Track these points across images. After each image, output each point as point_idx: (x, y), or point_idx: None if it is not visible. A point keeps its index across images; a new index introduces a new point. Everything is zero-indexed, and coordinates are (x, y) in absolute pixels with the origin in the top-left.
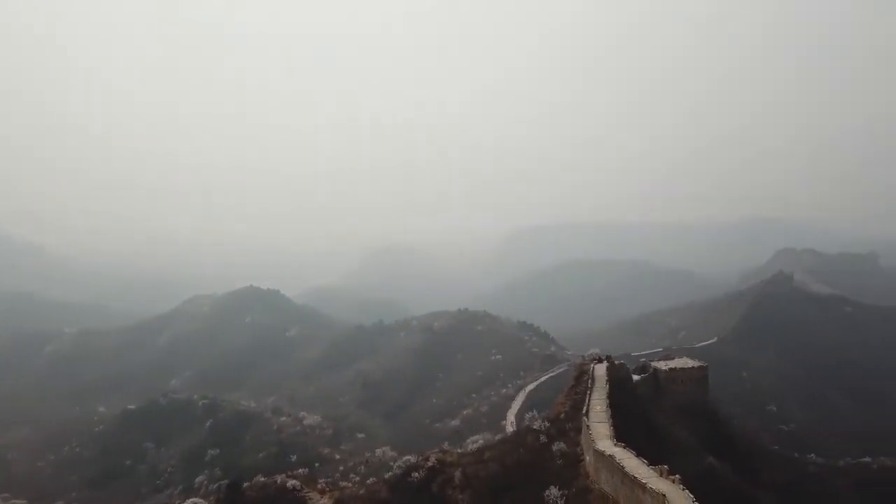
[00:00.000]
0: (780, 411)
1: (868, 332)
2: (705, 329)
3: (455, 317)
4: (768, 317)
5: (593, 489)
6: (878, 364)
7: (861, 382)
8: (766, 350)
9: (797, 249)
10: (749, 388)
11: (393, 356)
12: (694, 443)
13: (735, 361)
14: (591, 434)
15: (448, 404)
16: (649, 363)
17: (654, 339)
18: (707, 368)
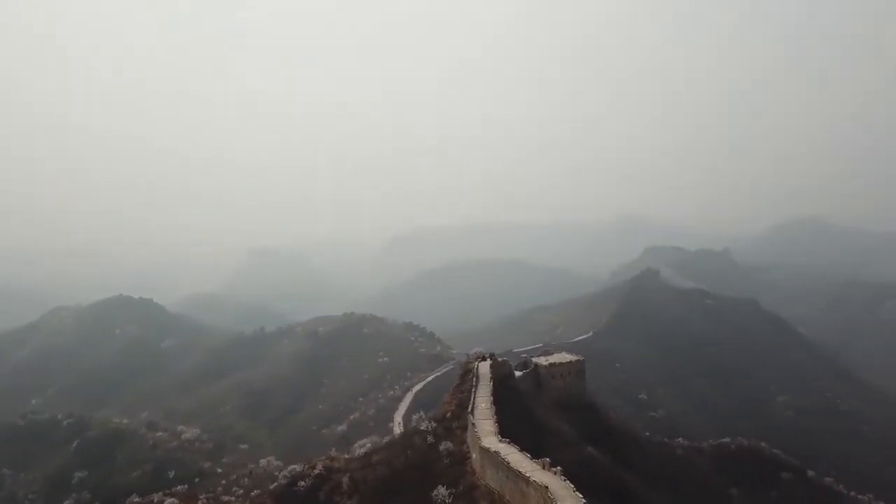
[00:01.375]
0: (651, 399)
1: (725, 322)
2: (582, 324)
3: (340, 321)
4: (638, 310)
5: (480, 486)
6: (734, 350)
7: (720, 368)
8: (637, 341)
9: (663, 247)
10: (622, 378)
11: (276, 364)
12: (574, 434)
13: (609, 353)
14: (476, 432)
15: (335, 409)
16: (530, 359)
17: (534, 335)
18: (584, 362)
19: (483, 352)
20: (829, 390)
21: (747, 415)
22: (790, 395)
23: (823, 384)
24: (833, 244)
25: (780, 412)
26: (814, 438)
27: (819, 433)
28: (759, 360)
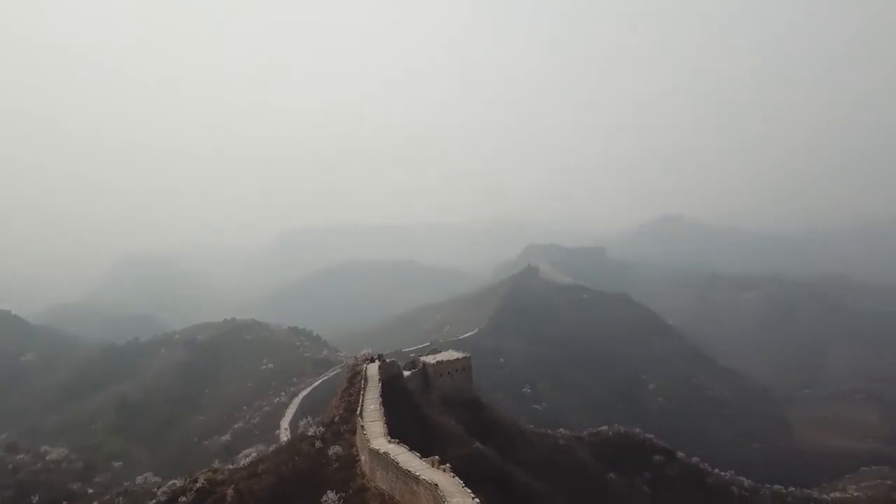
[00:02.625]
0: (534, 392)
1: (600, 315)
2: (468, 321)
3: (221, 327)
4: (521, 306)
5: (370, 488)
6: (609, 341)
7: (597, 359)
8: (520, 336)
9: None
10: (507, 372)
11: (153, 375)
12: (461, 431)
13: (494, 349)
14: (365, 434)
15: (217, 420)
16: (418, 358)
17: (423, 334)
18: (470, 359)
19: (371, 353)
20: (695, 376)
21: (622, 402)
22: (660, 382)
23: (690, 371)
24: (696, 240)
25: (651, 399)
26: (682, 421)
27: (687, 416)
28: (632, 351)
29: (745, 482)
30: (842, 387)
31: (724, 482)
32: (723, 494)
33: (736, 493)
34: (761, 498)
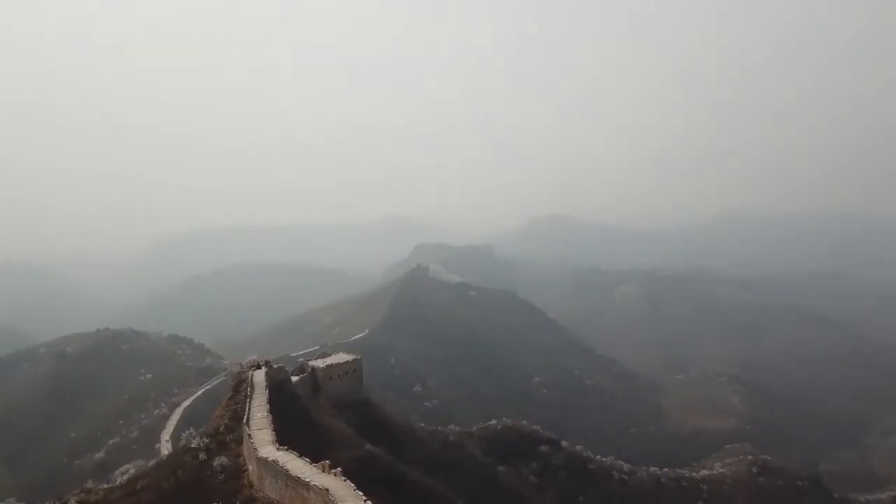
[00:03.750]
0: (425, 390)
1: (488, 312)
2: (358, 322)
3: (93, 338)
4: (411, 305)
5: (258, 498)
6: (496, 337)
7: (485, 355)
8: (410, 335)
9: (431, 244)
10: (398, 372)
11: (15, 392)
12: (352, 433)
13: (385, 349)
14: (252, 442)
15: (90, 436)
16: (307, 362)
17: (312, 337)
18: (361, 360)
19: (258, 359)
20: (576, 367)
21: (510, 396)
22: (545, 374)
23: (572, 362)
24: (577, 238)
25: (537, 391)
26: (566, 411)
27: (570, 406)
28: (517, 345)
29: (625, 466)
30: (708, 371)
31: (606, 467)
32: (604, 479)
33: (616, 476)
34: (639, 480)
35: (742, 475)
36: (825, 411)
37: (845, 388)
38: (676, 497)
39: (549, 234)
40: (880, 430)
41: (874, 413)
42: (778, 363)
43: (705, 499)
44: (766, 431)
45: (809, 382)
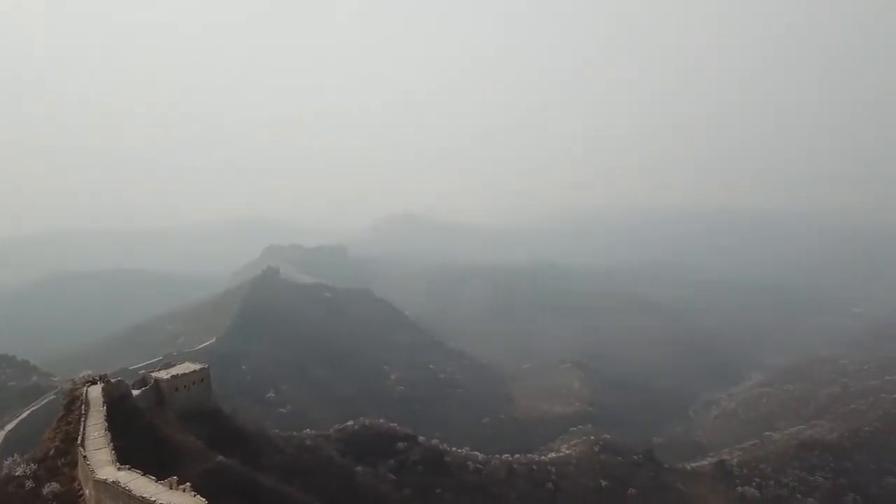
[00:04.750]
0: (279, 395)
1: (343, 312)
2: (205, 329)
3: None
4: (262, 309)
5: None
6: (352, 337)
7: (341, 355)
8: (262, 340)
9: (282, 245)
10: (250, 379)
11: None
12: (202, 446)
13: (235, 356)
14: (89, 464)
15: None
16: (150, 374)
17: (153, 348)
18: (208, 369)
19: (93, 374)
20: (431, 362)
21: (367, 395)
22: (401, 371)
23: (426, 358)
24: (428, 235)
25: (393, 388)
26: (423, 406)
27: (426, 401)
28: (374, 344)
29: (479, 456)
30: (552, 359)
31: (461, 458)
32: (460, 470)
33: (471, 467)
34: (493, 468)
35: (585, 454)
36: (656, 390)
37: (672, 367)
38: (528, 481)
39: (401, 232)
40: (702, 404)
41: (696, 388)
42: (614, 348)
43: (554, 480)
44: (605, 412)
45: (642, 364)
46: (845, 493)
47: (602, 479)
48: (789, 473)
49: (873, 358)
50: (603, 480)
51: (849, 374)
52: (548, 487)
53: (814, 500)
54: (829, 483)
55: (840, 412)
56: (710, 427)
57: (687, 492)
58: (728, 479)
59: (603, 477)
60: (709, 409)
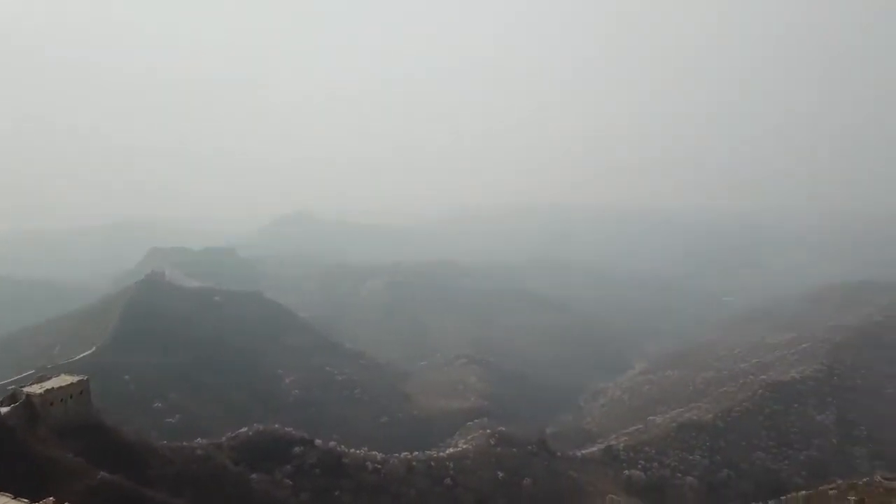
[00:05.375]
0: (166, 405)
1: (233, 316)
2: (83, 340)
3: None
4: (146, 315)
5: None
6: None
7: (232, 361)
8: (148, 348)
9: (167, 248)
10: (134, 389)
11: None
12: (82, 462)
13: (117, 366)
14: None
15: None
16: (20, 389)
17: (24, 361)
18: (87, 381)
19: None
20: (327, 364)
21: (261, 401)
22: (296, 375)
23: (322, 360)
24: (322, 235)
25: (289, 392)
26: (320, 409)
27: (323, 403)
28: (267, 348)
29: (378, 455)
30: (449, 355)
31: (359, 459)
32: (358, 471)
33: (370, 467)
34: (392, 467)
35: (482, 448)
36: (548, 382)
37: (563, 359)
38: (427, 478)
39: (295, 232)
40: (591, 393)
41: (585, 378)
42: (508, 342)
43: (452, 475)
44: (501, 405)
45: (535, 357)
46: (720, 470)
47: (498, 471)
48: (671, 455)
49: (743, 342)
50: (499, 472)
51: (721, 359)
52: (446, 483)
53: (692, 477)
54: (705, 461)
55: (714, 394)
56: (599, 415)
57: (578, 478)
58: (616, 464)
59: (499, 469)
60: (597, 397)
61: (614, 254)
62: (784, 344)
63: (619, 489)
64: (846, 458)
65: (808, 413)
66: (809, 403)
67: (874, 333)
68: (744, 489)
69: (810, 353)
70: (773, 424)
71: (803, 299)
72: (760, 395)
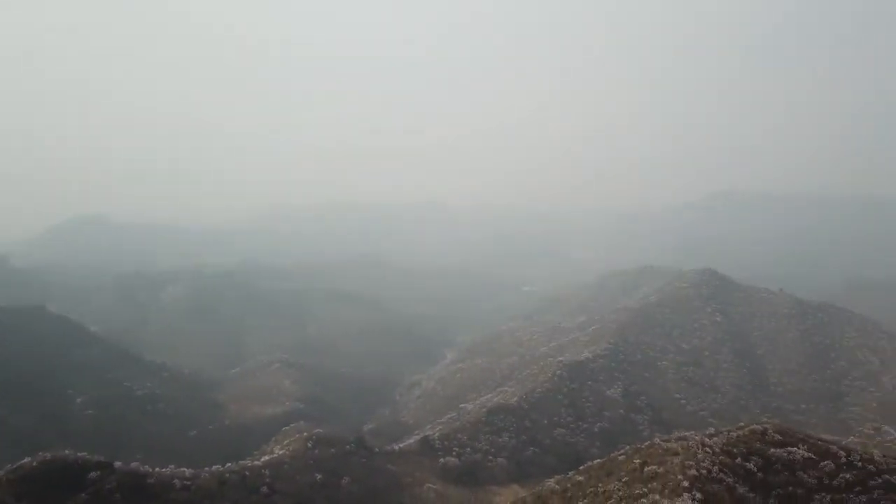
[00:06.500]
0: None
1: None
2: None
3: None
4: None
5: None
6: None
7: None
8: None
9: None
10: None
11: None
12: None
13: None
14: None
15: None
16: None
17: None
18: None
19: None
20: (126, 379)
21: (49, 425)
22: (90, 393)
23: (120, 375)
24: (114, 240)
25: (81, 413)
26: (118, 429)
27: (124, 422)
28: (53, 367)
29: (187, 472)
30: (262, 360)
31: (166, 477)
32: (165, 490)
33: (178, 484)
34: (202, 481)
35: (299, 452)
36: (365, 378)
37: (379, 355)
38: (241, 489)
39: (82, 237)
40: (407, 386)
41: (399, 372)
42: (324, 343)
43: (268, 483)
44: (317, 407)
45: (351, 356)
46: (526, 449)
47: (317, 473)
48: (482, 439)
49: (541, 328)
50: (318, 474)
51: (523, 344)
52: (263, 492)
53: (503, 458)
54: (513, 441)
55: (518, 378)
56: (415, 407)
57: (396, 470)
58: (432, 453)
59: (317, 471)
60: (413, 390)
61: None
62: (577, 327)
63: (435, 477)
64: (632, 426)
65: (599, 389)
66: (600, 380)
67: (650, 313)
68: (548, 463)
69: (599, 334)
70: (571, 402)
71: (592, 286)
72: (559, 376)
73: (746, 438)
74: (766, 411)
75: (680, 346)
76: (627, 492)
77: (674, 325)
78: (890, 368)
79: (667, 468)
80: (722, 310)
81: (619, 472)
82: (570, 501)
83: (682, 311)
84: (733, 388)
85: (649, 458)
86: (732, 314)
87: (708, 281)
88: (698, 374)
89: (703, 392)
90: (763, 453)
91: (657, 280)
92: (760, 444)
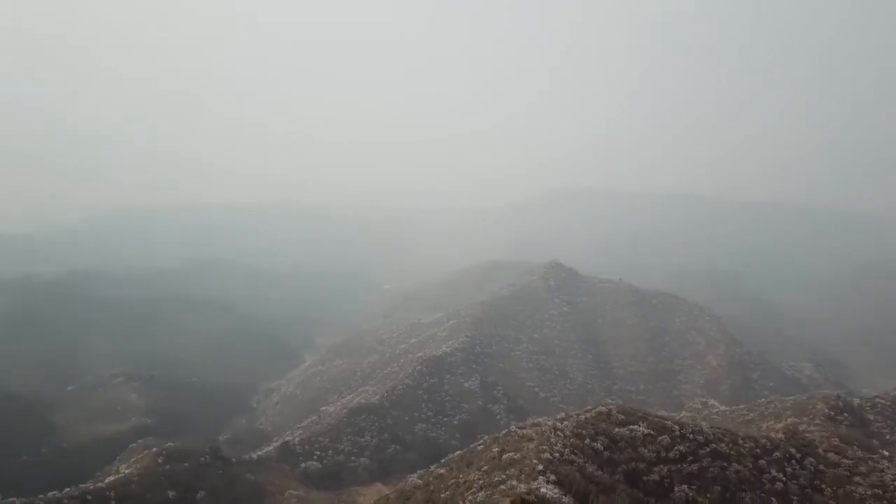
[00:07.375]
0: None
1: None
2: None
3: None
4: None
5: None
6: None
7: None
8: None
9: None
10: None
11: None
12: None
13: None
14: None
15: None
16: None
17: None
18: None
19: None
20: None
21: None
22: None
23: None
24: None
25: None
26: None
27: None
28: None
29: (17, 501)
30: (103, 375)
31: None
32: None
33: None
34: None
35: (148, 469)
36: (219, 387)
37: (232, 362)
38: None
39: None
40: (264, 392)
41: (257, 378)
42: (172, 352)
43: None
44: (168, 420)
45: (202, 364)
46: (388, 446)
47: (170, 490)
48: (344, 440)
49: (401, 326)
50: (170, 491)
51: (384, 343)
52: None
53: (365, 458)
54: (375, 440)
55: (379, 376)
56: (273, 413)
57: (256, 479)
58: (292, 459)
59: (170, 487)
60: (271, 396)
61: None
62: (434, 323)
63: (297, 483)
64: (490, 416)
65: (458, 382)
66: (458, 373)
67: (502, 306)
68: (410, 460)
69: (456, 328)
70: (431, 396)
71: (447, 283)
72: (419, 371)
73: (593, 420)
74: (610, 393)
75: (532, 336)
76: (487, 480)
77: (525, 317)
78: (714, 348)
79: (523, 454)
80: (569, 300)
81: (479, 462)
82: (432, 495)
83: (532, 302)
84: (581, 374)
85: (507, 446)
86: (578, 304)
87: (555, 273)
88: (549, 362)
89: (554, 379)
90: (609, 433)
91: (507, 274)
92: (606, 424)
